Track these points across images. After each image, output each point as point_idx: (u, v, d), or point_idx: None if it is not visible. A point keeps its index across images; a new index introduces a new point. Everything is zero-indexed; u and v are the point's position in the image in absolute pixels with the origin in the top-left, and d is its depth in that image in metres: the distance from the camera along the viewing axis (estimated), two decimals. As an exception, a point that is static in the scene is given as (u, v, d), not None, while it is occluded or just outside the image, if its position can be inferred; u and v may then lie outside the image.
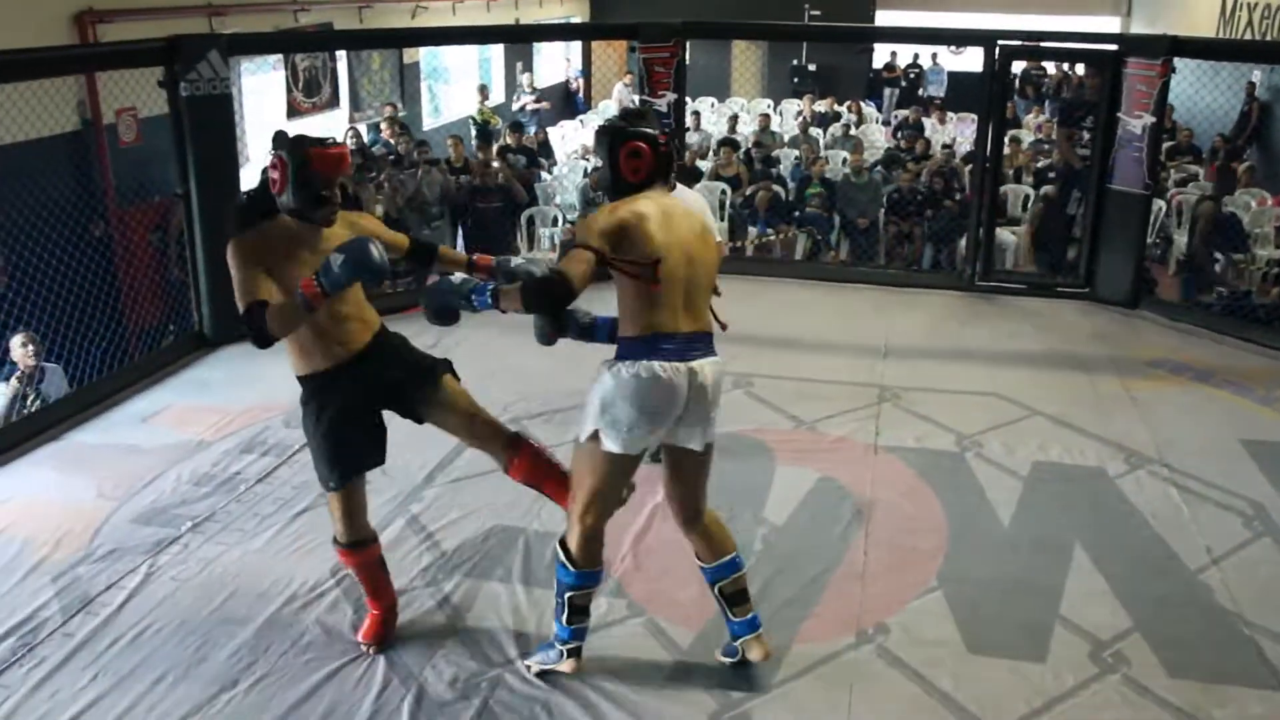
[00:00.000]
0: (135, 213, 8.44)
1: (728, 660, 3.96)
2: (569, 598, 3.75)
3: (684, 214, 3.58)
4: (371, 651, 4.03)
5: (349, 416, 3.83)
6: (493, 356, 6.59)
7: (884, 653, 4.10)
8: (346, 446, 3.86)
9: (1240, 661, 4.10)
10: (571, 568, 3.72)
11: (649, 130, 3.60)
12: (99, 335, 6.98)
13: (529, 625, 4.22)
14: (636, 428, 3.50)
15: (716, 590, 3.84)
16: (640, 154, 3.54)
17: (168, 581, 4.48)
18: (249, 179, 8.94)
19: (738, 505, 5.12)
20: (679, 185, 4.47)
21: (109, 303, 7.31)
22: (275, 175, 3.67)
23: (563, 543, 3.75)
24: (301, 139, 3.72)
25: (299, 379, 3.88)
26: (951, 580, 4.55)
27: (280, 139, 3.77)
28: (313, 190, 3.66)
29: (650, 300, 3.48)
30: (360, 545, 3.98)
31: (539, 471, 4.08)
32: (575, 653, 3.88)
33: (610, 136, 3.60)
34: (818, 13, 19.58)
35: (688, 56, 8.75)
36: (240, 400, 6.32)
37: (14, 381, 6.23)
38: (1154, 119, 7.84)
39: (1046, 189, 10.64)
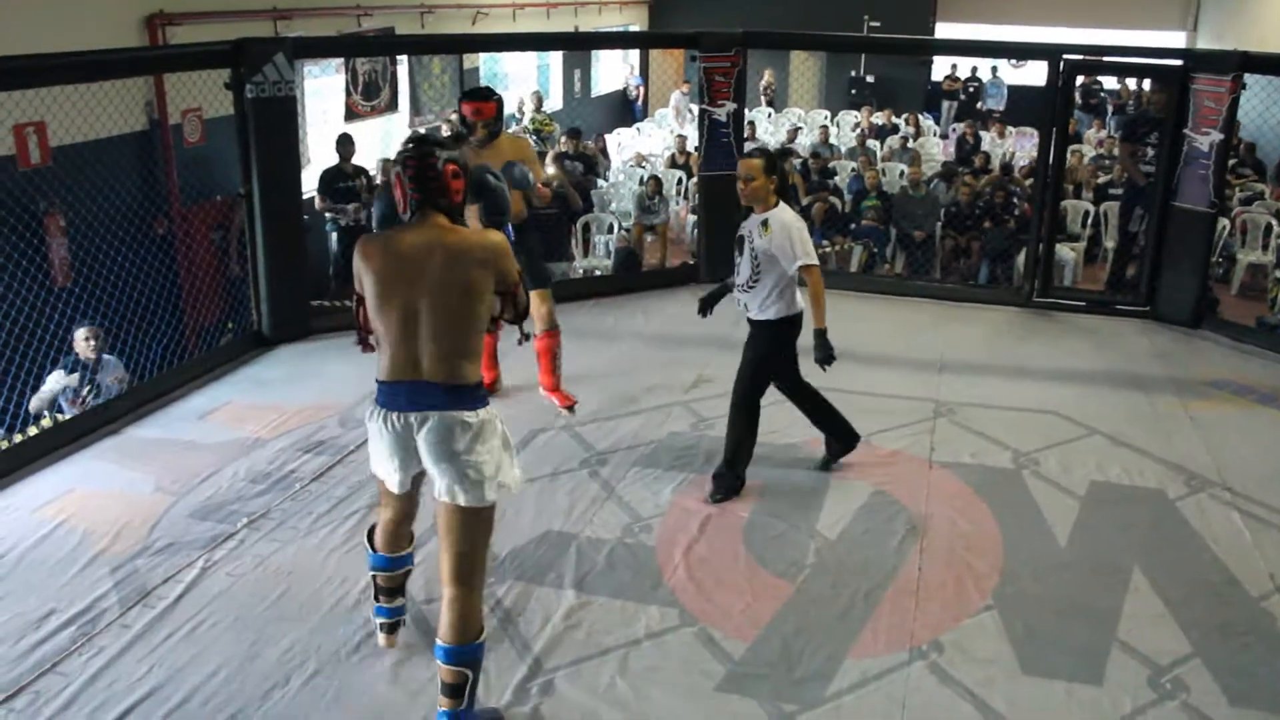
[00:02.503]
0: (198, 211, 8.57)
1: None
2: (373, 576, 4.02)
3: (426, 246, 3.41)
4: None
5: None
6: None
7: (937, 670, 4.05)
8: None
9: (1304, 692, 4.01)
10: (369, 550, 3.99)
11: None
12: (160, 332, 7.08)
13: (580, 631, 4.21)
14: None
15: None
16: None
17: (223, 577, 4.52)
18: (309, 180, 9.10)
19: (791, 517, 5.10)
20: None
21: (170, 300, 7.43)
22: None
23: (370, 530, 4.03)
24: None
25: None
26: (1006, 599, 4.49)
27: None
28: None
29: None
30: None
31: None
32: (385, 629, 4.06)
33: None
34: (877, 24, 19.50)
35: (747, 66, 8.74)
36: (297, 399, 6.38)
37: (62, 373, 6.31)
38: (1221, 136, 7.71)
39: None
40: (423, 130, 3.86)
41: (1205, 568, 4.81)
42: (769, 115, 17.64)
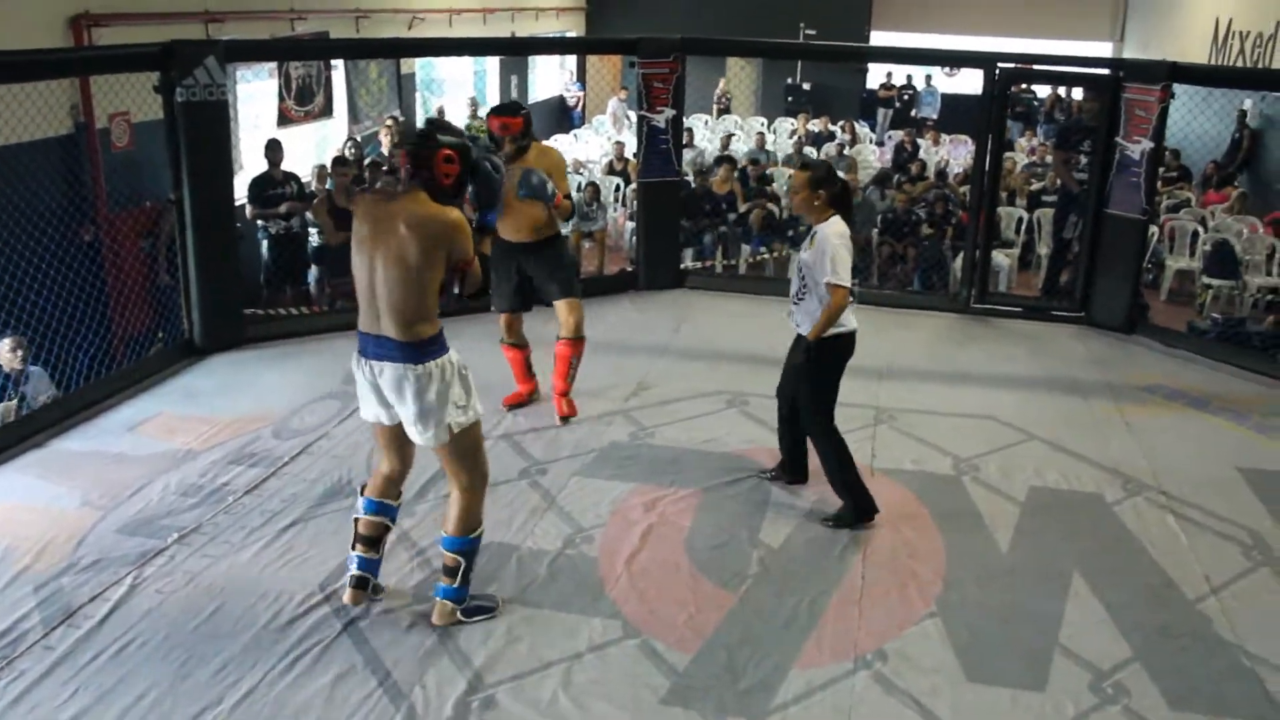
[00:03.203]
0: (126, 218, 8.36)
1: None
2: (355, 519, 4.29)
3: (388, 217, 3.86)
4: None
5: None
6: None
7: (882, 679, 4.03)
8: None
9: (1242, 693, 4.05)
10: (360, 494, 4.31)
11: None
12: (87, 341, 6.89)
13: (522, 644, 4.14)
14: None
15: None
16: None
17: (152, 594, 4.38)
18: (241, 186, 8.93)
19: (732, 526, 5.06)
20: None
21: (97, 308, 7.23)
22: None
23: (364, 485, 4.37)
24: None
25: None
26: (950, 606, 4.49)
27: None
28: None
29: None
30: None
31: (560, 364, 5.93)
32: (353, 581, 4.31)
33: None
34: (813, 32, 19.65)
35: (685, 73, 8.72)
36: (230, 410, 6.24)
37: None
38: (1152, 144, 7.82)
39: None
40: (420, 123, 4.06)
41: (1143, 571, 4.86)
42: (706, 122, 17.66)
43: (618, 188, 12.65)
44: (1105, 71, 8.36)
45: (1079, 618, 4.46)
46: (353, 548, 4.31)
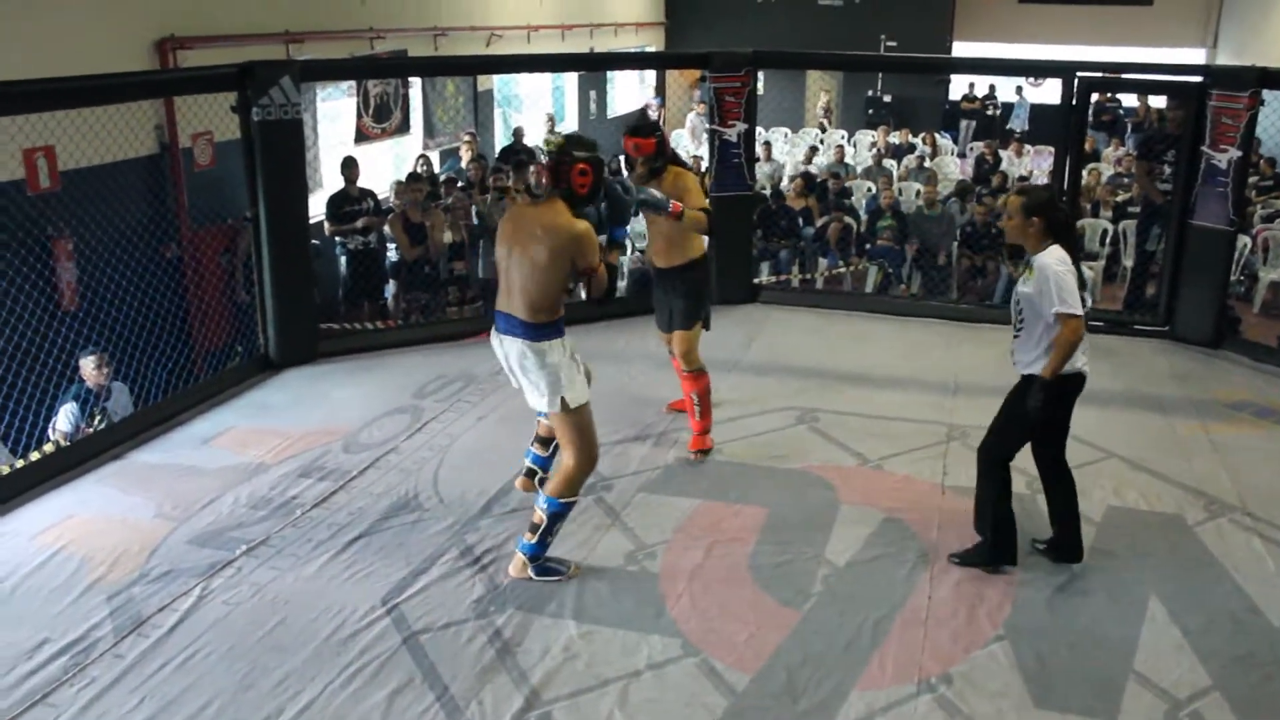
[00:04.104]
0: (207, 235, 8.55)
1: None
2: (537, 421, 5.06)
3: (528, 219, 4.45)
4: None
5: None
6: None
7: (945, 703, 3.93)
8: None
9: (1327, 726, 3.88)
10: None
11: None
12: (167, 356, 7.04)
13: (579, 661, 4.12)
14: None
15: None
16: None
17: (219, 605, 4.45)
18: (318, 204, 9.09)
19: (798, 544, 4.99)
20: None
21: (178, 324, 7.40)
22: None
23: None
24: None
25: None
26: (1018, 630, 4.37)
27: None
28: None
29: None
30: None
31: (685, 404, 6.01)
32: (527, 472, 5.17)
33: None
34: (894, 43, 19.48)
35: (760, 86, 8.67)
36: (301, 424, 6.33)
37: (74, 406, 6.28)
38: (1239, 153, 7.58)
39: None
40: (570, 135, 4.44)
41: (1225, 596, 4.68)
42: (785, 135, 17.57)
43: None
44: (1190, 79, 8.11)
45: (1155, 643, 4.31)
46: (531, 445, 5.13)
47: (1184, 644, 4.31)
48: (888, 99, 20.58)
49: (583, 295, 4.61)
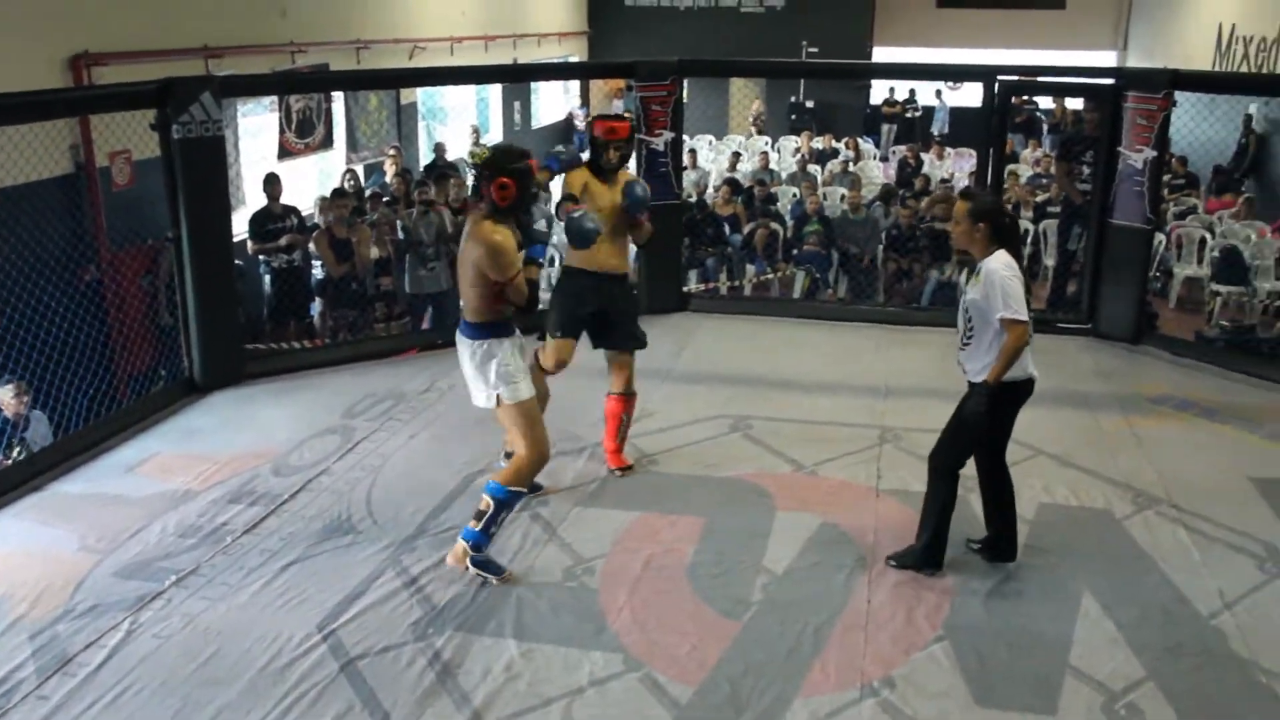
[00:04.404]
0: (127, 256, 8.36)
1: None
2: None
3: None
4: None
5: None
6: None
7: (889, 707, 3.96)
8: None
9: (1258, 712, 3.97)
10: None
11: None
12: (88, 382, 6.87)
13: (521, 681, 4.08)
14: None
15: None
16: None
17: (149, 639, 4.33)
18: (241, 222, 8.93)
19: (736, 553, 4.99)
20: None
21: (99, 348, 7.22)
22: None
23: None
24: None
25: None
26: (957, 630, 4.42)
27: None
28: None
29: None
30: None
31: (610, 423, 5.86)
32: None
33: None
34: (815, 50, 19.66)
35: (685, 95, 8.69)
36: (229, 447, 6.20)
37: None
38: (1155, 153, 7.76)
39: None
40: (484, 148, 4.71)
41: (1155, 588, 4.77)
42: (710, 143, 17.64)
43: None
44: (1106, 81, 8.29)
45: (1089, 638, 4.38)
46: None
47: (1117, 637, 4.39)
48: (810, 105, 20.76)
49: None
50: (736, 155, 15.58)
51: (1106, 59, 21.07)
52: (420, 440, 6.28)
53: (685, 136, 9.20)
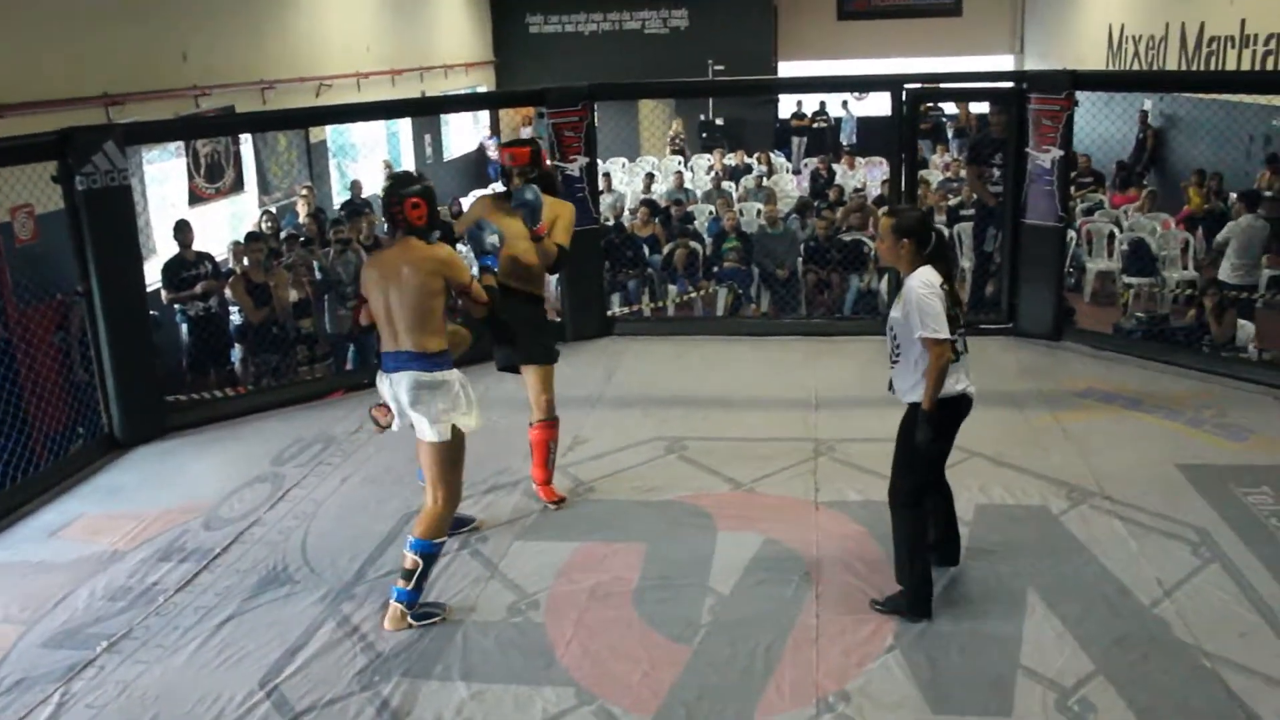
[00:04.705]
0: (35, 314, 8.10)
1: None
2: None
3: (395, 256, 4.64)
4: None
5: None
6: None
7: (845, 721, 3.95)
8: None
9: (1207, 696, 4.02)
10: None
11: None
12: (2, 445, 6.64)
13: (474, 724, 4.00)
14: None
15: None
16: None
17: (83, 710, 4.17)
18: (154, 271, 8.73)
19: (681, 576, 4.96)
20: None
21: (12, 409, 6.98)
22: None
23: None
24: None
25: None
26: (908, 638, 4.42)
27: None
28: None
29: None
30: None
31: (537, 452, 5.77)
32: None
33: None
34: (721, 67, 19.84)
35: (596, 119, 8.68)
36: (156, 504, 6.03)
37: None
38: (1061, 152, 7.92)
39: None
40: (396, 173, 5.00)
41: (1096, 581, 4.83)
42: (623, 165, 17.69)
43: (540, 238, 12.56)
44: (1010, 85, 8.45)
45: (1038, 636, 4.41)
46: None
47: (1065, 632, 4.43)
48: (720, 122, 20.93)
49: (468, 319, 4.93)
50: (650, 176, 15.63)
51: (1004, 63, 21.56)
52: (353, 483, 6.16)
53: (599, 160, 9.18)
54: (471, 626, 4.62)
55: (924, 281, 4.36)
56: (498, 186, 17.15)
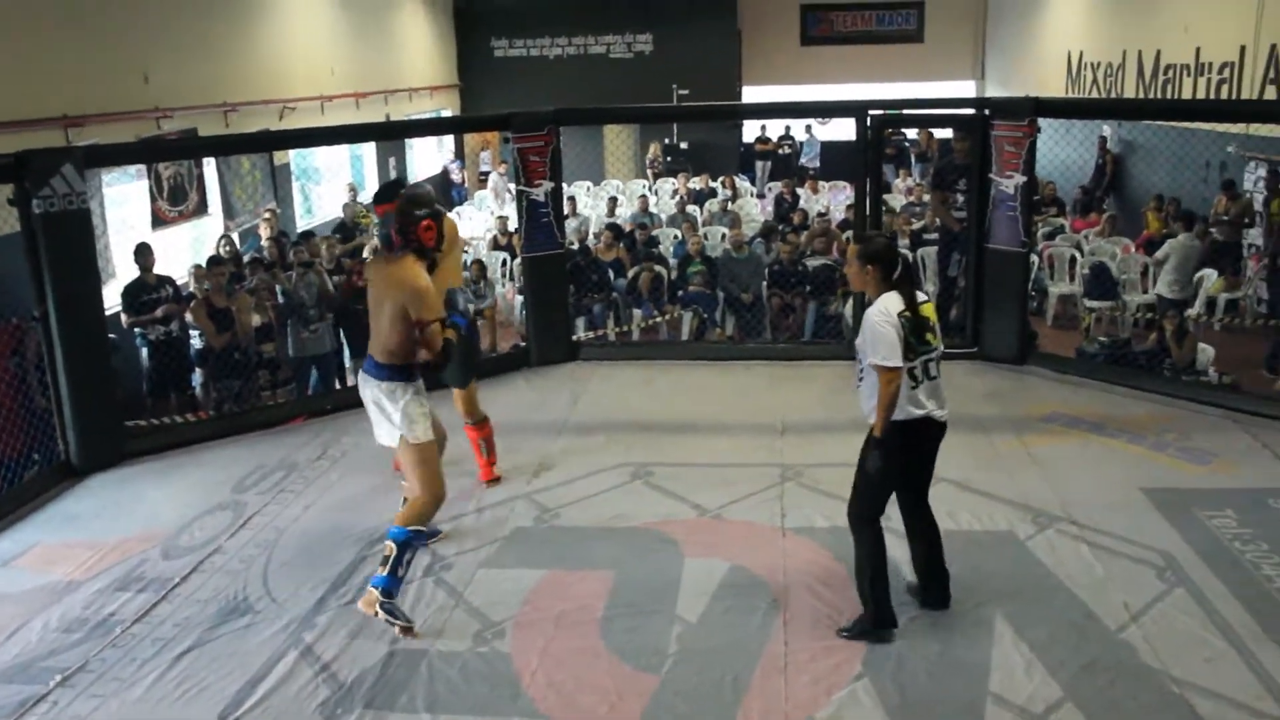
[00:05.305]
0: (-11, 338, 7.97)
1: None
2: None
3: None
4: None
5: None
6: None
7: (815, 751, 3.91)
8: None
9: (1174, 724, 4.02)
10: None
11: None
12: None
13: (438, 756, 3.94)
14: None
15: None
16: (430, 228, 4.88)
17: (36, 745, 4.09)
18: (112, 295, 8.61)
19: (648, 604, 4.91)
20: None
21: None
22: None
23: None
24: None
25: None
26: (877, 665, 4.40)
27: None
28: None
29: None
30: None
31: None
32: None
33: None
34: (685, 92, 19.91)
35: (561, 143, 8.66)
36: (113, 532, 5.92)
37: None
38: (1025, 178, 7.98)
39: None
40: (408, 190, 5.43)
41: (1064, 606, 4.83)
42: (588, 189, 17.69)
43: (504, 262, 12.55)
44: (973, 111, 8.51)
45: (1006, 662, 4.40)
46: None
47: (1033, 659, 4.42)
48: (685, 146, 20.99)
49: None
50: (614, 200, 15.64)
51: (966, 89, 21.77)
52: (316, 511, 6.08)
53: (564, 184, 9.17)
54: (436, 656, 4.56)
55: (881, 310, 4.43)
56: (461, 209, 17.17)
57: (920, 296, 4.56)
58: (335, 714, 4.19)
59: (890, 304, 4.44)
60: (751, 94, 21.43)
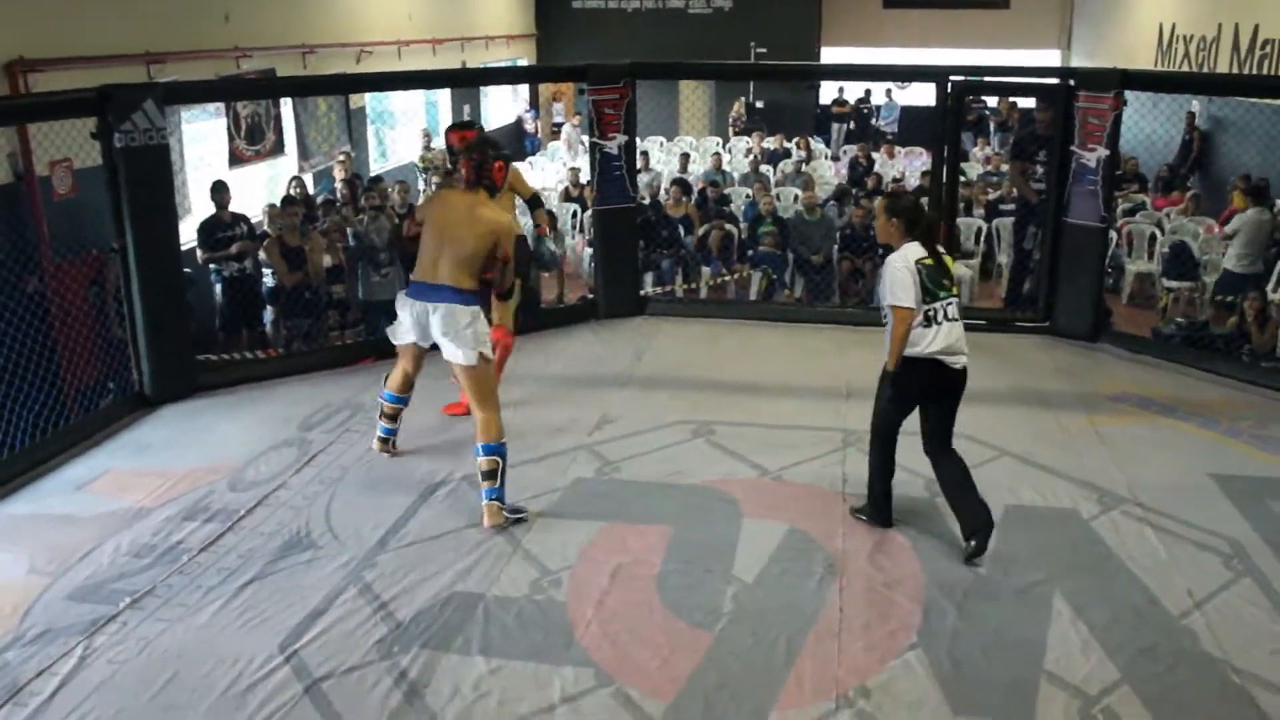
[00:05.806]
0: (71, 267, 8.14)
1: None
2: (380, 404, 6.00)
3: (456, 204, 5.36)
4: None
5: None
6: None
7: (865, 717, 3.90)
8: None
9: (1235, 714, 3.96)
10: (383, 387, 5.97)
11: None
12: (33, 396, 6.67)
13: (491, 699, 3.99)
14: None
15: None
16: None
17: (104, 665, 4.19)
18: (189, 230, 8.74)
19: (704, 562, 4.92)
20: None
21: (45, 361, 7.02)
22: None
23: (386, 376, 5.98)
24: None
25: None
26: (931, 636, 4.38)
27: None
28: None
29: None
30: None
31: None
32: (380, 442, 6.05)
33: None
34: (764, 50, 19.68)
35: (636, 97, 8.61)
36: (183, 462, 6.05)
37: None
38: (1107, 151, 7.80)
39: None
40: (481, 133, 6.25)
41: (1125, 588, 4.76)
42: (661, 145, 17.59)
43: (575, 214, 12.54)
44: (1057, 81, 8.33)
45: (1063, 641, 4.36)
46: (379, 418, 6.00)
47: (1091, 640, 4.37)
48: (760, 105, 20.77)
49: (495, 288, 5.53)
50: (686, 156, 15.53)
51: (1051, 58, 21.27)
52: (378, 452, 6.15)
53: (638, 139, 9.13)
54: (493, 602, 4.61)
55: (900, 256, 4.91)
56: (533, 159, 17.17)
57: (939, 250, 5.00)
58: (391, 651, 4.26)
59: (910, 252, 4.90)
60: (830, 55, 21.13)
